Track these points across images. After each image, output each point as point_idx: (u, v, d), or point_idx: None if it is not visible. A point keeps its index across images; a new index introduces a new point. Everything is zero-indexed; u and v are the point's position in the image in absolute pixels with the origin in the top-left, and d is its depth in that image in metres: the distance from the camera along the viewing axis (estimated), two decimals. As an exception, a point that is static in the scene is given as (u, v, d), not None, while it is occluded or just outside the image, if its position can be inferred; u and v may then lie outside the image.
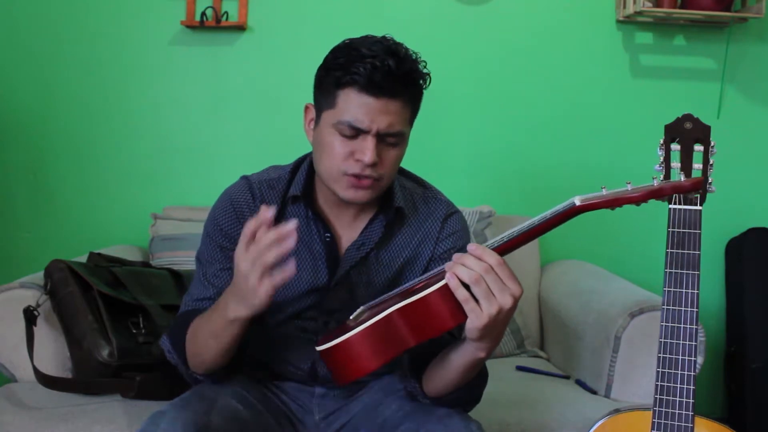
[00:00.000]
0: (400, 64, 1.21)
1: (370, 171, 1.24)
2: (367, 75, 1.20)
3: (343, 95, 1.23)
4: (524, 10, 2.49)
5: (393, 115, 1.23)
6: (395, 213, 1.35)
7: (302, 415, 1.40)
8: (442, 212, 1.39)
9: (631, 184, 1.03)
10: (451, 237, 1.38)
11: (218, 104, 2.45)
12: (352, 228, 1.36)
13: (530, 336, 2.27)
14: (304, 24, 2.45)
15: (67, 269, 1.72)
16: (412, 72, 1.25)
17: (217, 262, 1.34)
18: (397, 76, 1.21)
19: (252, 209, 1.33)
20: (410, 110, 1.28)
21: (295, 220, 1.10)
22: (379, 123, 1.22)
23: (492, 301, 1.04)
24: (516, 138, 2.52)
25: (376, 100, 1.21)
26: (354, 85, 1.21)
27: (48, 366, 1.72)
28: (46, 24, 2.40)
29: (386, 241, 1.37)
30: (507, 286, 1.05)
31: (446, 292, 1.05)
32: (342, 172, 1.25)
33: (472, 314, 1.04)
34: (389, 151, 1.26)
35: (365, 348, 1.09)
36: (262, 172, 1.41)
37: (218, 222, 1.35)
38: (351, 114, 1.22)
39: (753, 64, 2.56)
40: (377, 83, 1.20)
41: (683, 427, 1.13)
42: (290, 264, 1.08)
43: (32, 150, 2.44)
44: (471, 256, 1.05)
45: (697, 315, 1.15)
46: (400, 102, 1.24)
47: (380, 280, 1.36)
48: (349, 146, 1.24)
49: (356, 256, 1.34)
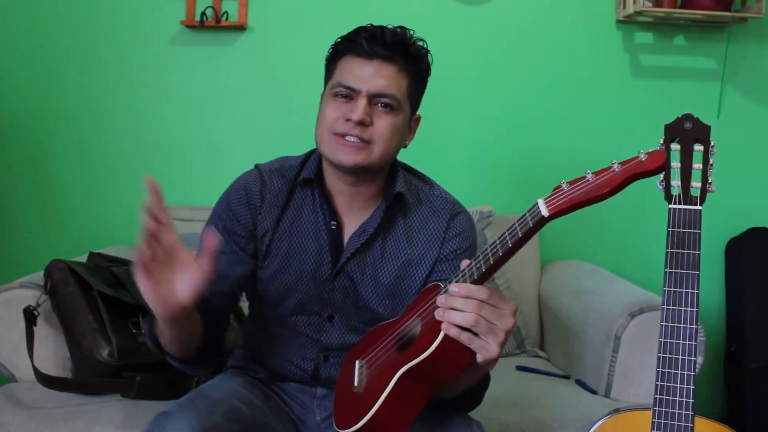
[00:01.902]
0: (395, 34, 1.29)
1: (359, 131, 1.26)
2: (362, 42, 1.27)
3: (341, 63, 1.30)
4: (524, 10, 2.49)
5: (385, 78, 1.27)
6: (395, 198, 1.35)
7: (304, 416, 1.40)
8: (448, 212, 1.39)
9: (590, 173, 0.97)
10: (457, 237, 1.38)
11: (218, 104, 2.45)
12: (358, 218, 1.37)
13: (530, 336, 2.27)
14: (304, 24, 2.45)
15: (67, 269, 1.72)
16: (406, 41, 1.30)
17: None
18: (391, 42, 1.28)
19: (263, 196, 1.36)
20: (407, 80, 1.31)
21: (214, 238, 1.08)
22: (371, 84, 1.27)
23: (496, 331, 1.02)
24: (516, 138, 2.52)
25: (369, 62, 1.27)
26: (351, 52, 1.29)
27: (48, 366, 1.72)
28: (47, 24, 2.40)
29: (389, 230, 1.36)
30: (504, 310, 1.03)
31: (449, 341, 1.03)
32: (331, 130, 1.28)
33: (481, 350, 1.03)
34: (382, 115, 1.28)
35: (389, 419, 1.09)
36: (273, 162, 1.43)
37: (229, 203, 1.37)
38: (345, 76, 1.28)
39: (753, 64, 2.56)
40: (371, 47, 1.27)
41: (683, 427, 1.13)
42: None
43: (32, 150, 2.44)
44: (458, 298, 1.03)
45: (697, 315, 1.14)
46: (395, 68, 1.28)
47: (385, 276, 1.35)
48: (343, 109, 1.28)
49: (357, 243, 1.34)
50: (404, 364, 1.07)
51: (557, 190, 0.98)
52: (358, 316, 1.37)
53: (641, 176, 0.95)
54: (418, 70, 1.33)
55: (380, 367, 1.16)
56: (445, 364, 1.05)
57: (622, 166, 0.95)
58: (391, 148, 1.31)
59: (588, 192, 0.94)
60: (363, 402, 1.13)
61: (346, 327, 1.37)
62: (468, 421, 1.26)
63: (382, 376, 1.12)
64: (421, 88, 1.36)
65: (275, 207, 1.36)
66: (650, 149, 0.97)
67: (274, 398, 1.40)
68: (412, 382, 1.09)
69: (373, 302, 1.35)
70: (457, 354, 1.04)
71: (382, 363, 1.16)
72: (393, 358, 1.13)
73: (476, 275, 1.04)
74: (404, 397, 1.10)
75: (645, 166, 0.95)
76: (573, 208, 0.96)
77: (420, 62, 1.33)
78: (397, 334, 1.17)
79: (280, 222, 1.36)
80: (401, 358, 1.10)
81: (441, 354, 1.04)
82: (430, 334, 1.06)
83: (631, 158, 0.96)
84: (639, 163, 0.95)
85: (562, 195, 0.96)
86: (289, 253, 1.36)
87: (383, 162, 1.32)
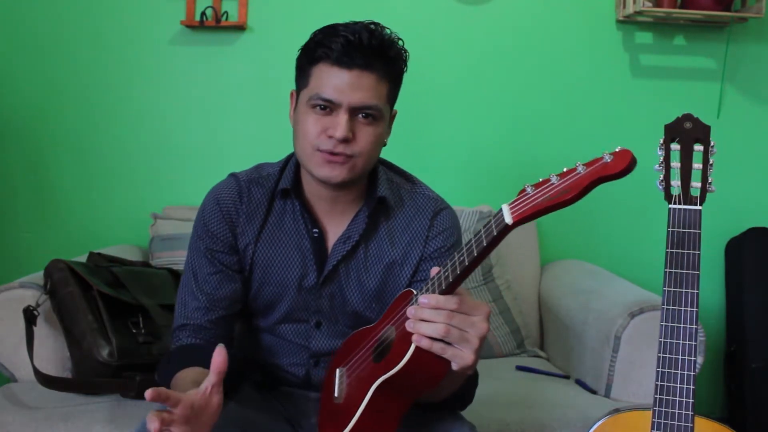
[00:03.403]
0: (372, 37, 1.21)
1: (343, 147, 1.22)
2: (338, 48, 1.20)
3: (316, 71, 1.24)
4: (524, 10, 2.49)
5: (366, 90, 1.21)
6: (377, 202, 1.33)
7: (300, 418, 1.40)
8: (431, 209, 1.36)
9: (554, 175, 0.92)
10: (440, 235, 1.35)
11: (218, 104, 2.45)
12: (340, 223, 1.34)
13: (530, 336, 2.27)
14: (304, 24, 2.42)
15: (67, 269, 1.72)
16: (384, 44, 1.23)
17: (205, 267, 1.32)
18: (369, 48, 1.21)
19: (238, 208, 1.33)
20: (387, 86, 1.25)
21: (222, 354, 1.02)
22: (351, 97, 1.21)
23: (469, 338, 1.00)
24: (516, 138, 2.52)
25: (347, 72, 1.21)
26: (326, 60, 1.22)
27: (48, 366, 1.72)
28: (47, 24, 2.40)
29: (372, 234, 1.34)
30: (474, 317, 1.01)
31: (422, 351, 1.01)
32: (314, 147, 1.23)
33: (455, 359, 1.00)
34: (364, 128, 1.24)
35: (370, 430, 1.09)
36: (252, 170, 1.39)
37: (205, 222, 1.33)
38: (322, 88, 1.22)
39: (753, 64, 2.56)
40: (348, 55, 1.20)
41: (683, 426, 1.13)
42: None
43: (32, 150, 2.44)
44: (427, 309, 1.00)
45: (696, 315, 1.14)
46: (374, 76, 1.22)
47: (370, 280, 1.34)
48: (323, 123, 1.23)
49: (343, 250, 1.32)
50: (379, 375, 1.06)
51: (522, 194, 0.93)
52: (346, 321, 1.35)
53: (607, 179, 0.88)
54: (398, 71, 1.29)
55: (358, 377, 1.15)
56: (421, 374, 1.04)
57: (587, 168, 0.89)
58: (374, 156, 1.29)
59: (552, 197, 0.89)
60: (343, 414, 1.12)
61: (334, 332, 1.36)
62: (461, 422, 1.26)
63: (359, 388, 1.12)
64: (399, 86, 1.31)
65: (255, 218, 1.33)
66: (616, 148, 0.90)
67: (269, 400, 1.40)
68: (389, 393, 1.08)
69: (359, 306, 1.34)
70: (431, 364, 1.02)
71: (360, 373, 1.15)
72: (370, 368, 1.12)
73: (444, 285, 1.01)
74: (382, 408, 1.09)
75: (610, 169, 0.88)
76: (539, 214, 0.91)
77: (399, 64, 1.28)
78: (374, 341, 1.16)
79: (261, 233, 1.33)
80: (377, 368, 1.09)
81: (415, 365, 1.03)
82: (403, 344, 1.04)
83: (595, 159, 0.90)
84: (604, 165, 0.88)
85: (526, 201, 0.92)
86: (273, 263, 1.33)
87: (366, 171, 1.30)
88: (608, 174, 0.88)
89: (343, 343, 1.28)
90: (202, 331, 1.30)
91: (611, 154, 0.89)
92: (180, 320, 1.33)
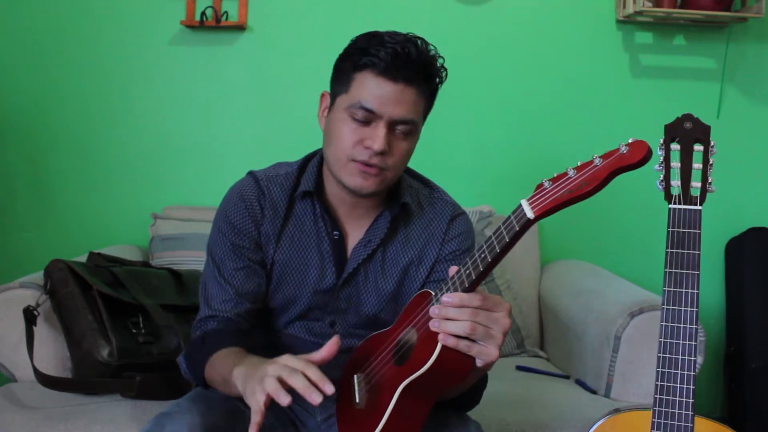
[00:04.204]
0: (420, 53, 1.21)
1: (378, 160, 1.22)
2: (386, 59, 1.19)
3: (360, 78, 1.22)
4: (524, 10, 2.49)
5: (407, 104, 1.22)
6: (401, 208, 1.34)
7: (304, 417, 1.40)
8: (449, 213, 1.39)
9: (571, 169, 0.93)
10: (456, 239, 1.37)
11: (218, 104, 2.45)
12: (360, 226, 1.35)
13: (530, 336, 2.27)
14: (304, 24, 2.45)
15: (67, 269, 1.72)
16: (431, 62, 1.24)
17: (230, 261, 1.33)
18: (416, 64, 1.20)
19: (262, 205, 1.33)
20: (424, 103, 1.26)
21: (333, 388, 1.02)
22: (393, 110, 1.21)
23: (494, 334, 1.01)
24: (516, 137, 2.52)
25: (392, 85, 1.20)
26: (372, 68, 1.21)
27: (48, 366, 1.72)
28: (46, 24, 2.40)
29: (391, 238, 1.36)
30: (497, 313, 1.02)
31: (447, 350, 1.02)
32: (350, 157, 1.23)
33: (481, 356, 1.01)
34: (400, 142, 1.24)
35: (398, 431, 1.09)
36: (269, 169, 1.40)
37: (229, 218, 1.34)
38: (365, 97, 1.21)
39: (753, 64, 2.56)
40: (396, 67, 1.19)
41: (683, 426, 1.12)
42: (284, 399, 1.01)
43: (32, 150, 2.44)
44: (452, 308, 1.01)
45: (696, 315, 1.14)
46: (416, 91, 1.22)
47: (387, 283, 1.35)
48: (360, 133, 1.22)
49: (363, 254, 1.33)
50: (405, 378, 1.06)
51: (540, 189, 0.94)
52: (360, 322, 1.36)
53: (625, 170, 0.90)
54: (435, 88, 1.29)
55: (380, 381, 1.15)
56: (446, 373, 1.05)
57: (604, 160, 0.91)
58: (402, 170, 1.30)
59: (572, 190, 0.90)
60: (367, 419, 1.12)
61: (347, 332, 1.36)
62: (466, 422, 1.26)
63: (383, 392, 1.11)
64: (433, 102, 1.32)
65: (276, 218, 1.34)
66: (629, 139, 0.92)
67: (273, 399, 1.40)
68: (414, 394, 1.08)
69: (375, 309, 1.35)
70: (457, 362, 1.03)
71: (381, 377, 1.15)
72: (392, 371, 1.12)
73: (467, 283, 1.02)
74: (408, 410, 1.09)
75: (627, 159, 0.90)
76: (559, 208, 0.92)
77: (438, 81, 1.28)
78: (393, 345, 1.16)
79: (282, 233, 1.34)
80: (401, 371, 1.09)
81: (441, 364, 1.03)
82: (427, 344, 1.04)
83: (611, 151, 0.91)
84: (621, 156, 0.90)
85: (546, 195, 0.93)
86: (292, 264, 1.34)
87: (392, 183, 1.31)
88: (626, 164, 0.90)
89: (357, 350, 1.28)
90: (230, 324, 1.31)
91: (627, 146, 0.91)
92: (206, 311, 1.33)
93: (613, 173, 0.90)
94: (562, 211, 0.93)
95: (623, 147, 0.91)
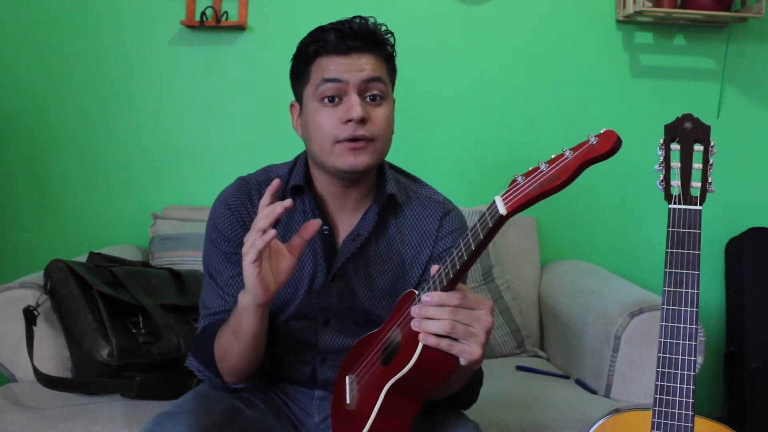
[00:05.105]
0: (361, 25, 1.27)
1: (363, 130, 1.23)
2: (332, 39, 1.25)
3: (315, 65, 1.27)
4: (524, 10, 2.50)
5: (368, 65, 1.25)
6: (387, 200, 1.34)
7: (302, 417, 1.40)
8: (440, 211, 1.38)
9: (543, 163, 0.92)
10: (449, 235, 1.37)
11: (218, 104, 2.45)
12: (350, 220, 1.35)
13: (530, 336, 2.27)
14: (304, 24, 2.41)
15: (67, 269, 1.72)
16: (374, 30, 1.28)
17: (225, 270, 1.33)
18: (361, 34, 1.25)
19: (249, 211, 1.33)
20: (385, 66, 1.29)
21: (289, 200, 1.11)
22: (356, 75, 1.24)
23: (475, 332, 1.01)
24: (515, 138, 2.52)
25: (346, 57, 1.25)
26: (323, 52, 1.26)
27: (48, 366, 1.72)
28: (46, 24, 2.40)
29: (382, 232, 1.35)
30: (479, 311, 1.02)
31: (429, 349, 1.02)
32: (334, 139, 1.24)
33: (463, 354, 1.01)
34: (376, 109, 1.26)
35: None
36: (260, 172, 1.40)
37: (218, 227, 1.34)
38: (326, 72, 1.25)
39: (753, 64, 2.56)
40: (343, 42, 1.24)
41: (683, 426, 1.13)
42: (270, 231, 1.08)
43: (32, 150, 2.44)
44: (431, 307, 1.01)
45: (696, 315, 1.14)
46: (371, 55, 1.26)
47: (380, 278, 1.35)
48: (336, 112, 1.24)
49: (352, 247, 1.33)
50: (389, 378, 1.07)
51: (513, 184, 0.93)
52: (354, 319, 1.36)
53: (596, 160, 0.89)
54: (390, 55, 1.32)
55: (368, 382, 1.16)
56: (430, 372, 1.05)
57: (574, 152, 0.90)
58: (389, 140, 1.30)
59: (543, 184, 0.89)
60: (357, 419, 1.12)
61: (342, 330, 1.36)
62: (465, 421, 1.26)
63: (370, 393, 1.12)
64: (394, 71, 1.34)
65: None
66: (600, 131, 0.91)
67: (273, 398, 1.40)
68: (400, 394, 1.08)
69: (368, 304, 1.35)
70: (440, 361, 1.03)
71: (369, 378, 1.16)
72: (379, 372, 1.13)
73: (445, 281, 1.02)
74: (395, 410, 1.09)
75: (597, 150, 0.89)
76: (531, 202, 0.91)
77: (389, 47, 1.31)
78: (381, 345, 1.16)
79: None
80: (387, 371, 1.09)
81: (424, 364, 1.03)
82: (410, 344, 1.04)
83: (581, 143, 0.91)
84: (590, 147, 0.89)
85: (518, 190, 0.92)
86: None
87: (384, 156, 1.31)
88: (595, 156, 0.89)
89: (350, 351, 1.28)
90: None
91: (596, 137, 0.90)
92: (207, 321, 1.34)
93: (583, 165, 0.89)
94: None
95: (593, 138, 0.90)
